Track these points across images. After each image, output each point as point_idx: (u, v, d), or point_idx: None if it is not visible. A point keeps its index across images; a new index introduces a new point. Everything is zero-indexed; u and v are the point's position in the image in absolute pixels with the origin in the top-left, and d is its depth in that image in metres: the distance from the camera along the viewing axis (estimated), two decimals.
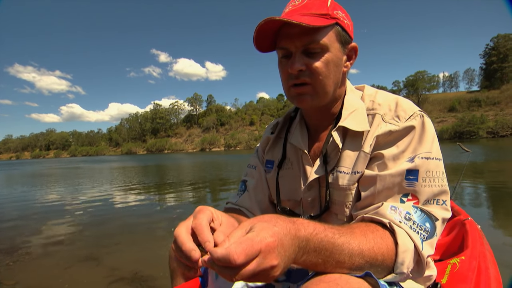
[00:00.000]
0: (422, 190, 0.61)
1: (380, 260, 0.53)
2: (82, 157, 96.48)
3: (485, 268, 0.84)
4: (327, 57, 0.65)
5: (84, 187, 7.79)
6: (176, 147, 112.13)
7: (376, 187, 0.63)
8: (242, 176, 0.94)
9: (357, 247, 0.50)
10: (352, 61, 0.73)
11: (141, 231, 3.23)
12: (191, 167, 15.07)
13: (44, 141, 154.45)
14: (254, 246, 0.39)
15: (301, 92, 0.67)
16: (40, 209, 4.83)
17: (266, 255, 0.40)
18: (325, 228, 0.49)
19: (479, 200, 4.06)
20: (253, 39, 0.66)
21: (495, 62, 76.02)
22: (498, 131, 54.62)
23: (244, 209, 0.86)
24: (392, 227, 0.56)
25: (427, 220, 0.59)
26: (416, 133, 0.64)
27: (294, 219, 0.48)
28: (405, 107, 0.67)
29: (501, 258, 1.91)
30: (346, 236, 0.51)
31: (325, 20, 0.63)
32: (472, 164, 8.54)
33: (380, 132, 0.66)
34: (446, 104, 76.95)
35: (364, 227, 0.56)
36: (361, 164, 0.67)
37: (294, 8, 0.66)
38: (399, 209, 0.59)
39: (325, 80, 0.66)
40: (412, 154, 0.63)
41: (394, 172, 0.62)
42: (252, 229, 0.43)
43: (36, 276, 2.13)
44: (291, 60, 0.65)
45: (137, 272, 2.09)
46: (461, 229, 1.36)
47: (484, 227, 1.43)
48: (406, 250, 0.54)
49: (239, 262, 0.38)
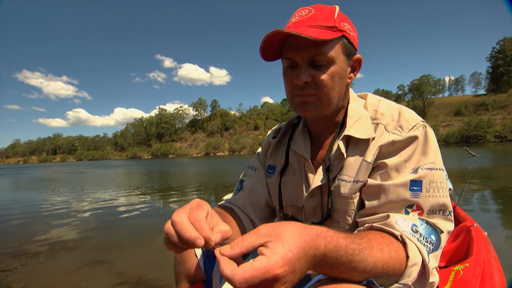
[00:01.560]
0: (426, 201, 0.61)
1: (391, 273, 0.53)
2: (88, 162, 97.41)
3: (489, 275, 0.83)
4: (332, 69, 0.65)
5: (90, 192, 7.86)
6: (180, 152, 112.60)
7: (381, 197, 0.64)
8: (241, 176, 0.95)
9: (372, 264, 0.50)
10: (356, 72, 0.74)
11: (146, 235, 3.25)
12: (195, 173, 15.08)
13: (51, 145, 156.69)
14: (258, 277, 0.39)
15: (305, 101, 0.68)
16: (46, 213, 4.88)
17: (272, 283, 0.40)
18: (346, 244, 0.48)
19: (486, 206, 3.99)
20: (259, 49, 0.66)
21: (502, 65, 75.15)
22: (506, 135, 53.75)
23: (236, 207, 0.87)
24: (403, 240, 0.57)
25: (432, 232, 0.60)
26: (419, 143, 0.65)
27: (318, 233, 0.45)
28: (408, 117, 0.68)
29: (507, 264, 1.88)
30: (365, 253, 0.49)
31: (332, 33, 0.63)
32: (479, 169, 8.41)
33: (384, 142, 0.67)
34: (452, 108, 76.03)
35: (380, 239, 0.55)
36: (363, 173, 0.68)
37: (301, 19, 0.66)
38: (406, 221, 0.59)
39: (330, 92, 0.67)
40: (416, 165, 0.63)
41: (399, 183, 0.62)
42: (266, 248, 0.41)
43: (43, 280, 2.16)
44: (297, 72, 0.66)
45: (141, 276, 2.10)
46: (467, 236, 1.35)
47: (490, 234, 1.41)
48: (415, 264, 0.55)
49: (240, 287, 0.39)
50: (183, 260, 0.88)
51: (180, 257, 0.90)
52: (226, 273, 0.40)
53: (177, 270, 0.91)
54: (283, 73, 0.71)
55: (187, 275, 0.89)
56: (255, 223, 0.87)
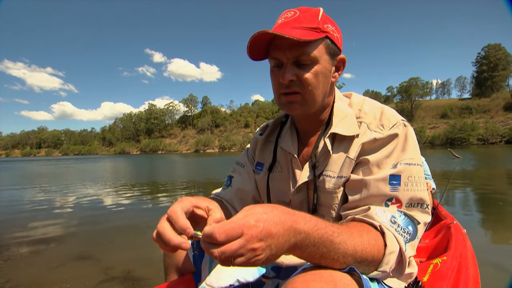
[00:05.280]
0: (404, 194, 0.64)
1: (370, 259, 0.57)
2: (74, 156, 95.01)
3: (465, 268, 0.89)
4: (316, 68, 0.68)
5: (76, 187, 7.70)
6: (170, 148, 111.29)
7: (362, 191, 0.67)
8: (230, 172, 0.97)
9: (352, 248, 0.54)
10: (340, 72, 0.76)
11: (134, 231, 3.22)
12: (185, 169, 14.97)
13: (35, 139, 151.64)
14: (235, 228, 0.43)
15: (291, 100, 0.71)
16: (30, 208, 4.77)
17: (248, 238, 0.43)
18: (326, 225, 0.52)
19: (466, 205, 4.15)
20: (246, 48, 0.69)
21: (486, 71, 77.64)
22: (488, 138, 55.70)
23: (225, 201, 0.90)
24: (382, 230, 0.60)
25: (410, 223, 0.63)
26: (400, 140, 0.68)
27: (294, 211, 0.50)
28: (389, 116, 0.71)
29: (484, 259, 1.98)
30: (344, 235, 0.54)
31: (315, 34, 0.66)
32: (462, 170, 8.72)
33: (366, 139, 0.70)
34: (439, 111, 78.16)
35: (359, 227, 0.59)
36: (346, 169, 0.71)
37: (286, 20, 0.69)
38: (385, 213, 0.63)
39: (314, 90, 0.69)
40: (396, 160, 0.67)
41: (379, 177, 0.66)
42: (243, 213, 0.46)
43: (27, 275, 2.12)
44: (283, 71, 0.68)
45: (129, 271, 2.09)
46: (447, 233, 1.42)
47: (469, 231, 1.48)
48: (393, 252, 0.59)
49: (220, 239, 0.42)
50: (172, 253, 0.89)
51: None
52: (207, 230, 0.43)
53: (166, 262, 0.92)
54: (270, 72, 0.74)
55: (177, 267, 0.91)
56: None
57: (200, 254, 0.89)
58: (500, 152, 21.14)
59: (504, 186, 5.85)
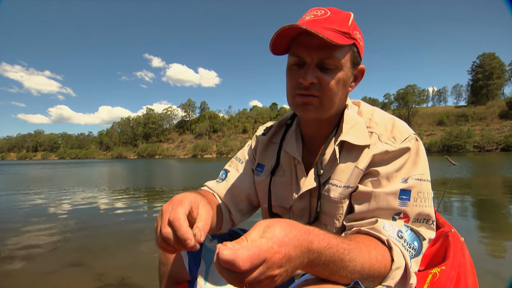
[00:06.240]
0: (413, 209, 0.64)
1: (376, 275, 0.56)
2: (70, 160, 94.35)
3: (464, 278, 0.88)
4: (339, 75, 0.66)
5: (71, 191, 7.61)
6: (167, 153, 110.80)
7: (370, 203, 0.65)
8: (226, 165, 0.95)
9: (360, 265, 0.52)
10: (357, 82, 0.75)
11: (129, 237, 3.17)
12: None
13: (31, 142, 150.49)
14: (260, 255, 0.39)
15: (307, 102, 0.67)
16: (23, 213, 4.69)
17: (270, 265, 0.40)
18: (337, 242, 0.50)
19: (464, 213, 4.15)
20: (271, 40, 0.64)
21: (481, 79, 78.57)
22: (484, 145, 56.07)
23: (217, 195, 0.87)
24: (389, 244, 0.59)
25: (415, 239, 0.63)
26: (411, 155, 0.67)
27: (309, 229, 0.48)
28: (401, 129, 0.70)
29: (482, 267, 1.97)
30: (354, 253, 0.52)
31: (346, 39, 0.63)
32: (458, 177, 8.75)
33: (377, 151, 0.68)
34: (435, 118, 78.77)
35: (368, 243, 0.57)
36: (354, 179, 0.69)
37: (316, 18, 0.65)
38: (393, 227, 0.62)
39: (333, 96, 0.67)
40: (407, 175, 0.65)
41: (389, 191, 0.64)
42: (265, 234, 0.43)
43: (18, 282, 2.07)
44: (305, 71, 0.65)
45: (124, 278, 2.05)
46: (445, 241, 1.40)
47: (467, 239, 1.48)
48: (399, 267, 0.58)
49: (243, 269, 0.38)
50: (167, 261, 0.88)
51: (165, 257, 0.89)
52: (228, 256, 0.38)
53: (162, 270, 0.90)
54: (287, 69, 0.70)
55: (172, 275, 0.89)
56: (231, 213, 0.88)
57: (196, 262, 0.87)
58: (497, 160, 21.28)
59: (501, 194, 5.86)
